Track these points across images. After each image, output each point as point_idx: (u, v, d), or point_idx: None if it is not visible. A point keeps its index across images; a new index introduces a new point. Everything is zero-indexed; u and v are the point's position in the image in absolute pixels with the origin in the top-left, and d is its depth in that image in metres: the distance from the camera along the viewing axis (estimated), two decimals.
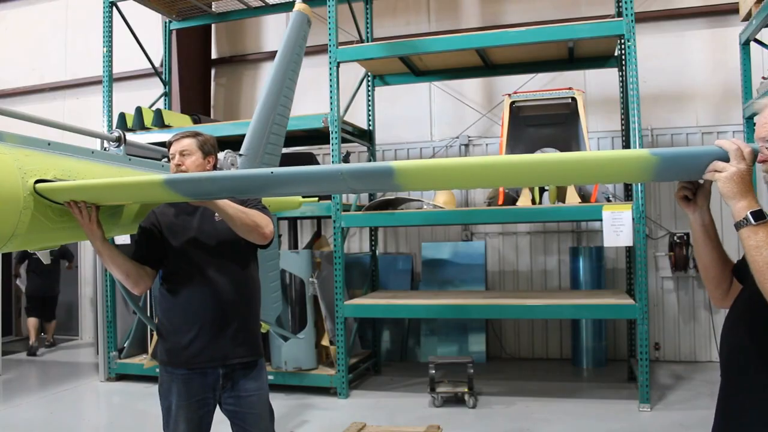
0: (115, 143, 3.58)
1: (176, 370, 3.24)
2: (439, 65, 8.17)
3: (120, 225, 3.31)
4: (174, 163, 3.29)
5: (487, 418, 6.23)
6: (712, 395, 6.96)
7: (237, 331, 3.26)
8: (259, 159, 4.79)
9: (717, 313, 8.30)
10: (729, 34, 7.97)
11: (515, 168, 2.22)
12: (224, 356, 3.23)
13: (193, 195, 2.80)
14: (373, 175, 2.52)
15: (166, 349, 3.28)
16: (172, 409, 3.23)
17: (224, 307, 3.23)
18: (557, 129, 7.72)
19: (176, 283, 3.25)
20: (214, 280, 3.23)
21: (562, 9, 8.82)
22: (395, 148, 9.49)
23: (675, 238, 8.24)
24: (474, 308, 7.05)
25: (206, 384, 3.24)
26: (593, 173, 2.27)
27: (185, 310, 3.22)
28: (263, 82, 4.88)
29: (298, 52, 5.15)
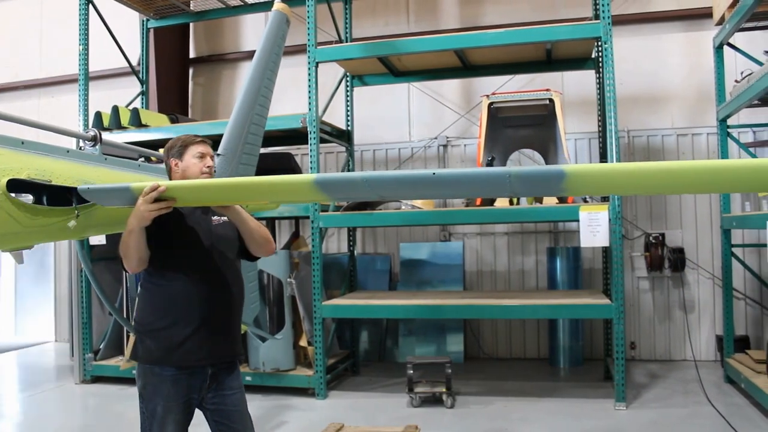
0: (90, 142, 3.54)
1: (165, 371, 3.17)
2: (418, 66, 8.18)
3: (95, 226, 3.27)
4: (206, 165, 3.32)
5: (465, 417, 6.25)
6: (687, 393, 7.14)
7: (231, 330, 3.34)
8: (237, 159, 4.77)
9: (691, 313, 8.42)
10: (703, 37, 8.08)
11: (691, 174, 2.11)
12: (219, 354, 3.27)
13: (345, 197, 2.72)
14: (542, 178, 2.39)
15: (157, 347, 3.18)
16: (159, 412, 3.15)
17: (222, 307, 3.28)
18: (535, 130, 7.77)
19: (174, 280, 3.20)
20: (215, 280, 3.27)
21: (540, 11, 8.87)
22: (374, 148, 9.49)
23: (651, 239, 8.33)
24: (452, 308, 7.06)
25: (193, 385, 3.21)
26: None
27: (183, 308, 3.19)
28: (241, 81, 4.85)
29: (276, 51, 5.13)
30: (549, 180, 2.33)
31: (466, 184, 2.60)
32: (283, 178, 2.77)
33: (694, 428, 5.78)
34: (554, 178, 2.23)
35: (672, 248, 8.32)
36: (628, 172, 2.25)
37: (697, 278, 8.46)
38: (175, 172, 3.38)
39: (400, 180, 2.71)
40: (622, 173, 2.27)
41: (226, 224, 3.38)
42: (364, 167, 9.45)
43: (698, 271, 8.44)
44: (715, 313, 8.28)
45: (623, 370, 6.38)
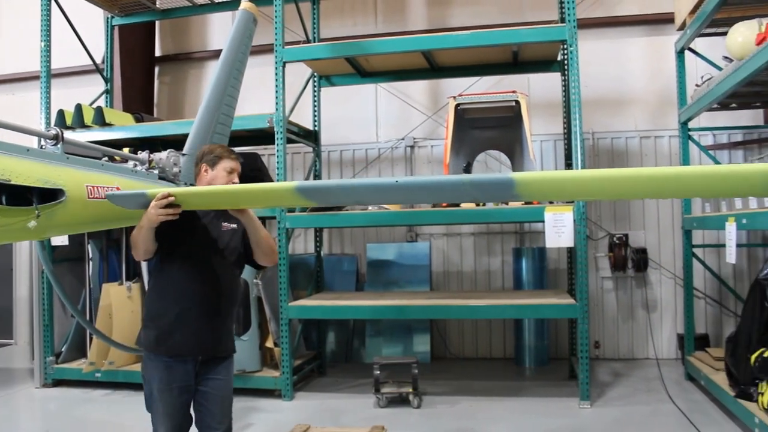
0: (52, 141, 3.48)
1: (159, 358, 3.51)
2: (385, 67, 8.20)
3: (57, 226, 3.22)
4: (232, 181, 3.65)
5: (432, 417, 6.27)
6: (649, 391, 7.25)
7: (220, 327, 3.63)
8: None
9: (654, 312, 8.56)
10: (666, 42, 8.22)
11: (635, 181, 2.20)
12: (206, 348, 3.58)
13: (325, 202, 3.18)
14: (494, 185, 2.56)
15: (153, 336, 3.54)
16: (155, 393, 3.52)
17: (213, 305, 3.58)
18: (501, 131, 7.83)
19: (174, 273, 3.53)
20: (210, 280, 3.57)
21: (507, 13, 8.95)
22: (341, 149, 9.48)
23: (614, 239, 8.45)
24: (418, 309, 7.09)
25: (187, 371, 3.54)
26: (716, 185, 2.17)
27: (178, 301, 3.51)
28: (208, 80, 4.81)
29: (243, 51, 5.10)
30: (500, 187, 2.47)
31: (427, 190, 2.84)
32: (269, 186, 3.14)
33: (655, 425, 5.88)
34: (505, 185, 2.35)
35: (635, 249, 8.45)
36: (571, 179, 2.39)
37: (660, 278, 8.61)
38: (202, 177, 3.70)
39: (368, 187, 3.05)
40: (566, 180, 2.40)
41: (234, 232, 3.69)
42: (331, 168, 9.43)
43: (660, 271, 8.59)
44: (677, 312, 8.43)
45: (587, 369, 6.47)
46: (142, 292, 7.63)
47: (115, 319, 7.37)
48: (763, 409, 5.13)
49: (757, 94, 6.74)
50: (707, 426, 5.69)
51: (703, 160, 8.02)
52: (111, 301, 7.42)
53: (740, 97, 6.88)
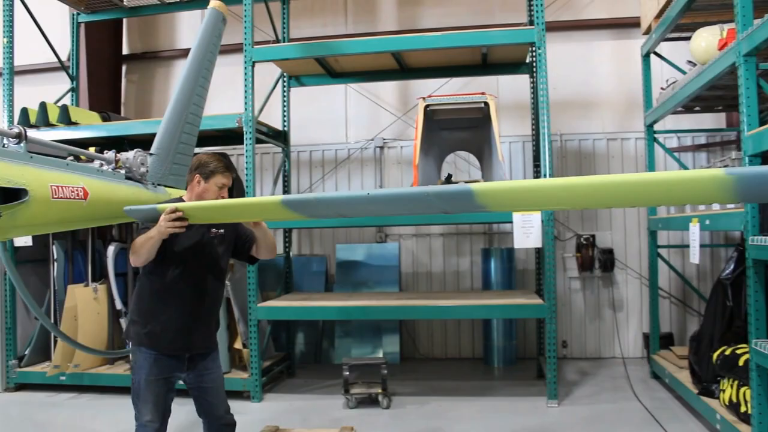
0: (15, 140, 3.41)
1: (149, 351, 3.76)
2: (355, 67, 8.19)
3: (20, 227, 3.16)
4: (221, 195, 3.87)
5: (401, 418, 6.29)
6: (615, 389, 7.33)
7: (207, 325, 3.93)
8: (171, 159, 4.68)
9: (620, 312, 8.68)
10: (632, 46, 8.35)
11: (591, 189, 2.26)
12: (194, 345, 3.85)
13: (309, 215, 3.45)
14: (455, 196, 2.65)
15: (144, 332, 3.78)
16: (142, 384, 3.75)
17: (201, 306, 3.87)
18: (470, 133, 7.87)
19: (166, 276, 3.75)
20: (199, 283, 3.85)
21: (477, 15, 9.01)
22: (310, 149, 9.45)
23: (582, 240, 8.55)
24: (388, 309, 7.10)
25: (172, 366, 3.80)
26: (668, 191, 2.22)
27: (168, 302, 3.77)
28: (176, 79, 4.77)
29: (212, 50, 5.05)
30: (462, 197, 2.55)
31: (394, 202, 3.03)
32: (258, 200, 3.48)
33: (621, 423, 5.96)
34: (465, 195, 2.45)
35: (602, 249, 8.56)
36: (527, 189, 2.49)
37: (626, 278, 8.73)
38: (194, 186, 3.91)
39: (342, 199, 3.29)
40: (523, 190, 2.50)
41: (222, 237, 3.96)
42: (300, 168, 9.41)
43: (626, 271, 8.72)
44: (642, 312, 8.56)
45: (555, 368, 6.54)
46: (108, 293, 7.53)
47: (81, 321, 7.26)
48: (724, 406, 5.23)
49: (720, 98, 6.87)
50: (671, 423, 5.79)
51: (668, 162, 8.16)
52: (76, 302, 7.30)
53: (704, 100, 7.01)
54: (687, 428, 5.73)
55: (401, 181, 9.14)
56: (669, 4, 6.36)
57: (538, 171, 7.41)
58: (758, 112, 4.79)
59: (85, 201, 3.51)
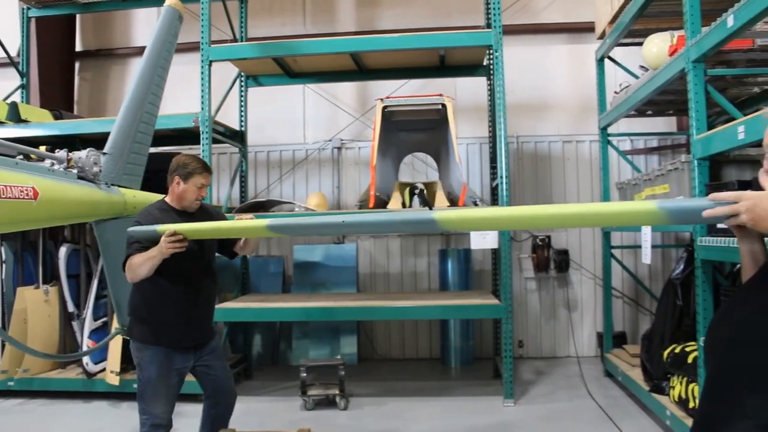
0: None
1: (156, 348, 4.00)
2: (313, 68, 8.17)
3: None
4: (200, 195, 4.10)
5: (358, 419, 6.29)
6: (570, 388, 7.41)
7: (207, 319, 4.28)
8: (125, 158, 4.61)
9: (575, 311, 8.82)
10: (587, 50, 8.47)
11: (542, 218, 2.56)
12: (197, 337, 4.16)
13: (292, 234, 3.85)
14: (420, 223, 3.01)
15: (149, 331, 4.02)
16: (153, 378, 3.99)
17: (200, 302, 4.14)
18: (428, 134, 7.92)
19: (166, 281, 3.94)
20: (197, 282, 4.10)
21: (435, 18, 9.06)
22: (268, 149, 9.39)
23: (537, 241, 8.66)
24: (345, 310, 7.10)
25: (179, 358, 4.07)
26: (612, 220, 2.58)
27: (171, 302, 4.00)
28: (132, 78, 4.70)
29: (168, 48, 4.99)
30: (425, 223, 2.85)
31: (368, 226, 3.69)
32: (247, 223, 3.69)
33: (575, 420, 6.06)
34: (428, 222, 2.72)
35: (557, 250, 8.68)
36: (481, 218, 2.84)
37: (580, 278, 8.87)
38: (174, 188, 4.09)
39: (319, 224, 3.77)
40: (478, 219, 2.85)
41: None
42: (258, 169, 9.34)
43: (581, 272, 8.86)
44: (596, 311, 8.71)
45: (511, 368, 6.61)
46: (60, 295, 7.36)
47: (31, 324, 7.08)
48: (674, 402, 5.36)
49: (671, 103, 7.03)
50: (623, 420, 5.91)
51: (622, 164, 8.32)
52: (26, 305, 7.11)
53: (655, 104, 7.16)
54: (638, 424, 5.85)
55: (359, 182, 9.15)
56: (622, 10, 6.49)
57: (495, 173, 7.48)
58: (706, 116, 4.92)
59: (34, 201, 3.44)
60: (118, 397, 6.88)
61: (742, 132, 3.99)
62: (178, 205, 4.11)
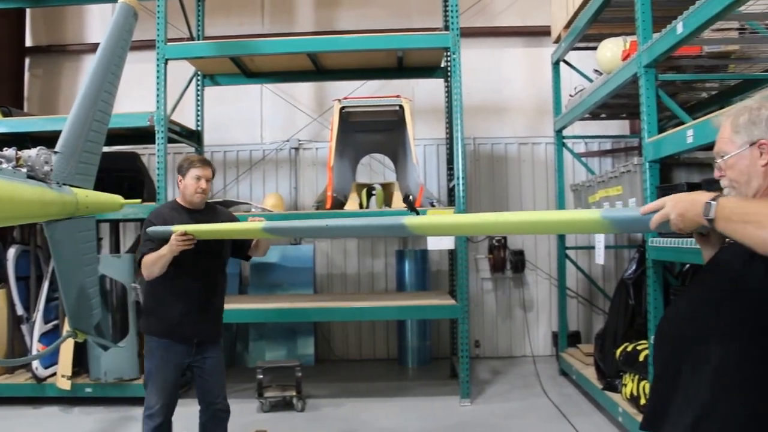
0: None
1: (162, 340, 4.20)
2: (271, 67, 8.11)
3: None
4: (200, 186, 4.27)
5: (315, 420, 6.27)
6: (525, 387, 7.50)
7: (213, 315, 4.42)
8: (77, 157, 4.51)
9: (530, 311, 8.94)
10: (543, 54, 8.59)
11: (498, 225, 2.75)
12: (202, 332, 4.30)
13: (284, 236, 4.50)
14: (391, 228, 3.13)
15: (157, 324, 4.23)
16: (152, 370, 4.20)
17: (207, 298, 4.32)
18: (385, 135, 7.93)
19: (176, 277, 4.13)
20: (204, 279, 4.28)
21: (394, 19, 9.06)
22: (225, 149, 9.30)
23: (494, 242, 8.75)
24: (303, 312, 7.07)
25: (183, 351, 4.23)
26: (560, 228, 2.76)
27: (179, 298, 4.18)
28: (85, 75, 4.60)
29: (122, 45, 4.89)
30: (396, 229, 2.96)
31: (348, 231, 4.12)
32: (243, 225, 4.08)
33: (531, 419, 6.13)
34: (399, 228, 2.83)
35: (513, 251, 8.78)
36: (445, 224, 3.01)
37: (536, 279, 8.99)
38: (179, 187, 4.36)
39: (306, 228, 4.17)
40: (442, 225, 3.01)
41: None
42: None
43: (536, 272, 8.98)
44: (551, 311, 8.84)
45: (468, 367, 6.66)
46: (8, 298, 7.15)
47: None
48: (626, 399, 5.47)
49: (624, 106, 7.18)
50: (577, 417, 6.00)
51: (576, 166, 8.46)
52: None
53: (609, 108, 7.30)
54: (592, 422, 5.95)
55: (316, 183, 9.12)
56: (577, 15, 6.60)
57: (452, 174, 7.53)
58: (657, 120, 5.04)
59: None
60: (69, 402, 6.74)
61: (691, 136, 4.09)
62: (185, 203, 4.35)
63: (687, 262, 5.17)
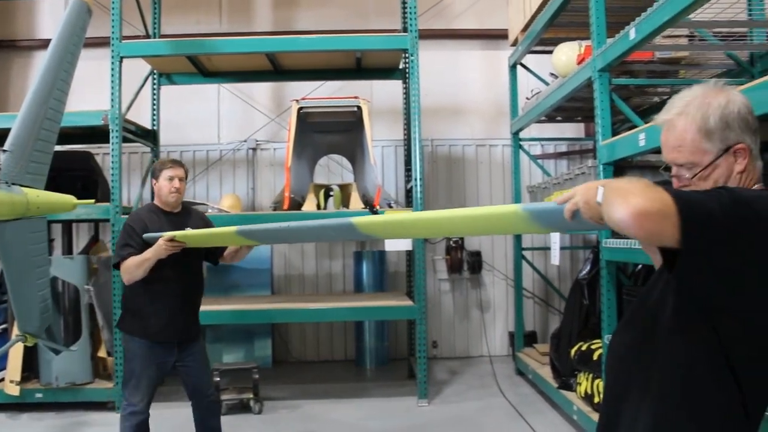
0: None
1: (142, 340, 4.27)
2: (228, 67, 8.03)
3: None
4: (173, 186, 4.39)
5: (273, 423, 6.22)
6: (482, 387, 7.56)
7: (192, 316, 4.50)
8: (28, 156, 4.40)
9: (487, 312, 9.03)
10: (500, 57, 8.69)
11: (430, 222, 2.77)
12: (182, 333, 4.38)
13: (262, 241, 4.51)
14: (342, 228, 3.17)
15: (137, 324, 4.29)
16: (136, 370, 4.27)
17: (186, 300, 4.40)
18: (343, 136, 7.92)
19: (156, 280, 4.21)
20: (184, 281, 4.37)
21: (353, 19, 9.05)
22: (181, 149, 9.17)
23: (451, 243, 8.81)
24: (260, 313, 7.02)
25: (163, 352, 4.32)
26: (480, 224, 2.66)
27: (159, 299, 4.26)
28: (36, 72, 4.49)
29: (75, 42, 4.79)
30: (347, 229, 3.00)
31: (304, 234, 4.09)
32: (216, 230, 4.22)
33: (488, 418, 6.19)
34: (349, 227, 2.88)
35: (470, 252, 8.85)
36: (397, 222, 3.02)
37: (493, 279, 9.08)
38: (155, 190, 4.49)
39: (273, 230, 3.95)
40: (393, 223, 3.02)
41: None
42: None
43: (493, 273, 9.07)
44: (508, 312, 8.94)
45: (425, 368, 6.70)
46: None
47: None
48: (580, 398, 5.56)
49: (579, 110, 7.30)
50: (533, 416, 6.08)
51: (533, 168, 8.57)
52: None
53: (565, 111, 7.41)
54: (548, 420, 6.04)
55: (274, 184, 9.06)
56: (534, 19, 6.68)
57: (410, 175, 7.56)
58: (611, 123, 5.13)
59: None
60: (18, 409, 6.55)
61: (643, 139, 4.18)
62: (162, 204, 4.46)
63: (639, 263, 5.28)
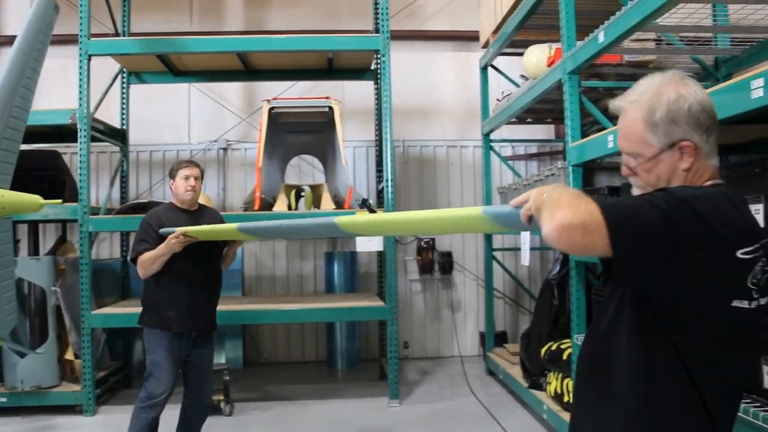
0: None
1: (163, 333, 4.44)
2: (199, 66, 7.96)
3: None
4: (189, 185, 4.55)
5: (244, 425, 6.19)
6: (453, 387, 7.62)
7: (209, 310, 4.69)
8: None
9: (458, 312, 9.07)
10: (471, 58, 8.75)
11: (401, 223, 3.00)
12: (200, 326, 4.58)
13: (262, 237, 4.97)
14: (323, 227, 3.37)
15: (158, 318, 4.48)
16: (159, 360, 4.43)
17: (204, 294, 4.61)
18: (315, 137, 7.91)
19: (174, 274, 4.43)
20: (201, 276, 4.57)
21: (325, 19, 9.04)
22: (151, 149, 9.07)
23: (422, 243, 8.84)
24: (230, 314, 6.95)
25: (182, 344, 4.50)
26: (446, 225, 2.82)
27: (179, 294, 4.45)
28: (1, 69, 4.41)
29: (42, 39, 4.71)
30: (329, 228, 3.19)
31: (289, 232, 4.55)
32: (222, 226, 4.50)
33: (459, 418, 6.22)
34: (331, 226, 3.03)
35: (441, 252, 8.89)
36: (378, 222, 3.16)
37: (464, 280, 9.13)
38: (172, 189, 4.67)
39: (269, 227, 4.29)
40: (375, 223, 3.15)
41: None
42: (140, 169, 9.00)
43: (464, 273, 9.11)
44: (479, 312, 8.99)
45: (397, 368, 6.71)
46: None
47: None
48: (550, 397, 5.62)
49: (549, 111, 7.36)
50: (504, 416, 6.13)
51: (503, 169, 8.63)
52: None
53: (535, 112, 7.47)
54: (518, 419, 6.09)
55: (245, 184, 9.01)
56: (505, 21, 6.74)
57: (381, 176, 7.57)
58: (580, 125, 5.19)
59: None
60: None
61: (612, 141, 4.24)
62: (178, 203, 4.63)
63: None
